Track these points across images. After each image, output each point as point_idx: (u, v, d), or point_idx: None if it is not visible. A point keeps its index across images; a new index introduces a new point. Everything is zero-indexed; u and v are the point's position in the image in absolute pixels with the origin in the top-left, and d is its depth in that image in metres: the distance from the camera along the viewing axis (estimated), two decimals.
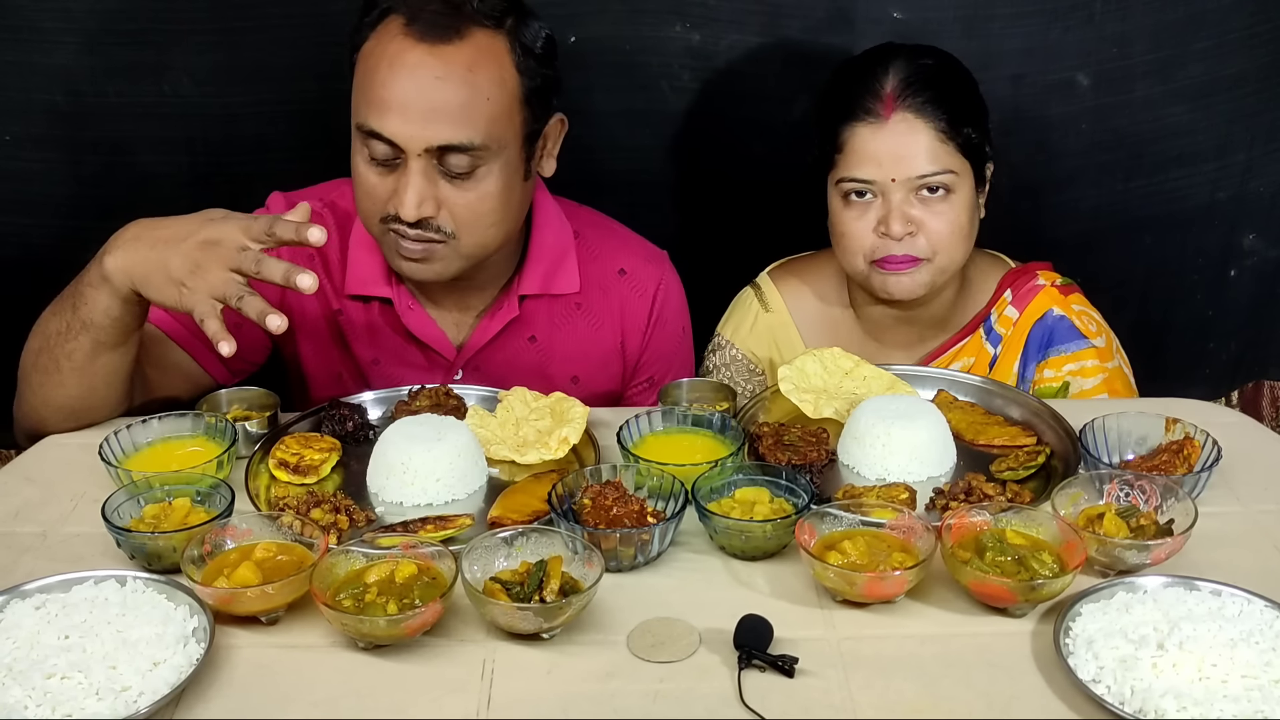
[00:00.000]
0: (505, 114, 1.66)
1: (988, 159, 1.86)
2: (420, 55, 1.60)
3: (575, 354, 1.90)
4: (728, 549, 1.38)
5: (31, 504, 1.50)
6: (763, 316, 2.03)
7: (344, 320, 1.86)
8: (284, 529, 1.33)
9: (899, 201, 1.79)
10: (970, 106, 1.83)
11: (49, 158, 2.17)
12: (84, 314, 1.54)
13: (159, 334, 1.75)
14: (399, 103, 1.60)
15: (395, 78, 1.60)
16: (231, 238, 1.45)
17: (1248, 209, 2.30)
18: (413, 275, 1.72)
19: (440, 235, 1.67)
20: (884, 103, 1.77)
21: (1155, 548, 1.30)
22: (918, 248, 1.80)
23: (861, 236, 1.82)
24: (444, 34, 1.60)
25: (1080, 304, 1.95)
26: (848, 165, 1.80)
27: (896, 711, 1.15)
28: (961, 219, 1.81)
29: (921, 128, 1.77)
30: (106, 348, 1.58)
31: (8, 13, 2.05)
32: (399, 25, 1.62)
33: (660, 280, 1.94)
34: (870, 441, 1.54)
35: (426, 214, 1.64)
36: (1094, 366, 1.90)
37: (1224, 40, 2.14)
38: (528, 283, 1.85)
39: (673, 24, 2.14)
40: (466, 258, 1.71)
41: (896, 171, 1.77)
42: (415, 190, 1.62)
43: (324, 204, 1.85)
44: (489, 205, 1.68)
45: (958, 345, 1.95)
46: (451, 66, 1.61)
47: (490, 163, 1.66)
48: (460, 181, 1.65)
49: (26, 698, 1.11)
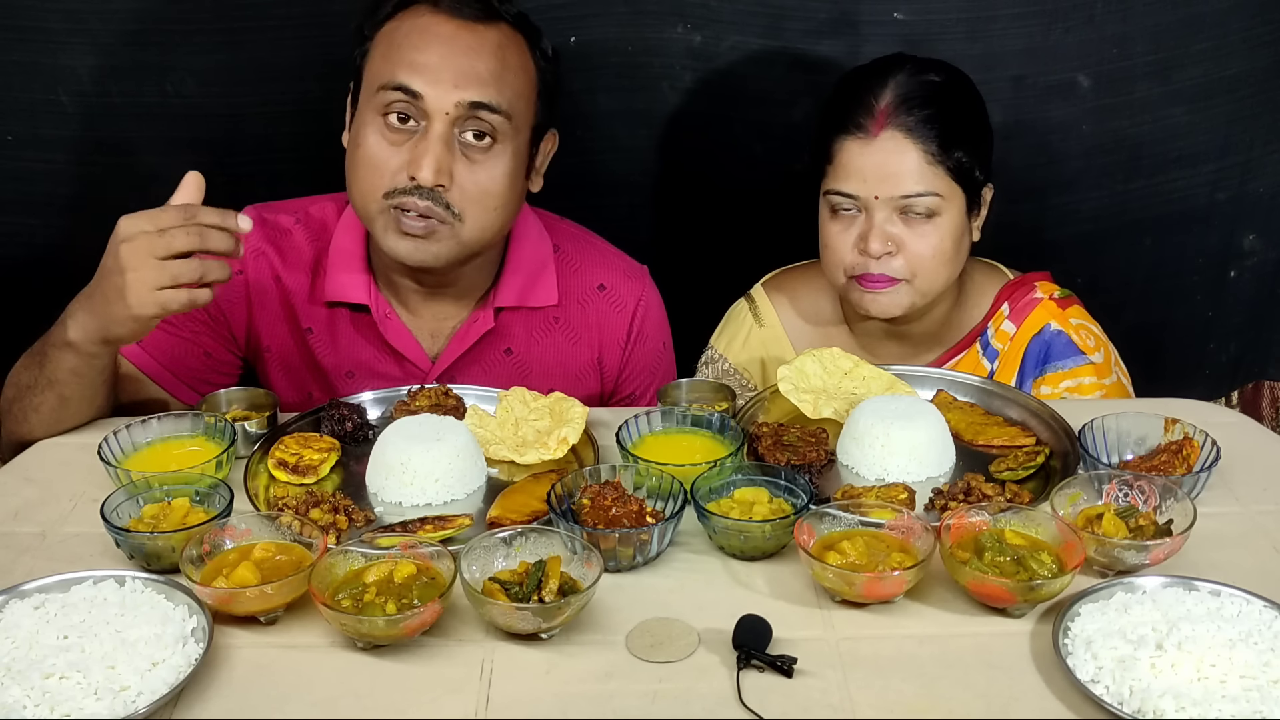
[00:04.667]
0: (525, 97, 1.72)
1: (982, 184, 1.84)
2: (454, 28, 1.67)
3: (552, 367, 1.91)
4: (727, 549, 1.39)
5: (31, 504, 1.50)
6: (756, 331, 2.03)
7: (314, 339, 1.87)
8: (283, 529, 1.33)
9: (881, 220, 1.78)
10: (967, 129, 1.80)
11: (53, 158, 2.17)
12: (49, 372, 1.61)
13: (135, 373, 1.79)
14: (433, 64, 1.65)
15: (429, 43, 1.66)
16: (140, 230, 1.46)
17: (1248, 209, 2.30)
18: (409, 256, 1.71)
19: (447, 214, 1.68)
20: (874, 119, 1.76)
21: (1154, 548, 1.30)
22: (893, 268, 1.79)
23: (843, 251, 1.82)
24: (476, 15, 1.68)
25: (1079, 317, 1.93)
26: (835, 178, 1.80)
27: (895, 712, 1.15)
28: (945, 243, 1.80)
29: (909, 147, 1.76)
30: (73, 403, 1.64)
31: (13, 13, 2.05)
32: (426, 8, 1.69)
33: (640, 297, 1.94)
34: (869, 442, 1.54)
35: (443, 181, 1.66)
36: (1091, 384, 1.88)
37: (1224, 42, 2.14)
38: (504, 295, 1.86)
39: (674, 25, 2.14)
40: (464, 244, 1.72)
41: (880, 189, 1.76)
42: (435, 154, 1.65)
43: (296, 218, 1.87)
44: (498, 187, 1.70)
45: (954, 360, 1.94)
46: (484, 40, 1.68)
47: (505, 142, 1.70)
48: (476, 155, 1.68)
49: (25, 697, 1.11)
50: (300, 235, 1.86)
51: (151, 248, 1.44)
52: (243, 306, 1.86)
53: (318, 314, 1.87)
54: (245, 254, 1.84)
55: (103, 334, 1.54)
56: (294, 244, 1.86)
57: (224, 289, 1.83)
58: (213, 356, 1.86)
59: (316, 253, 1.86)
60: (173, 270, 1.45)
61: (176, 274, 1.45)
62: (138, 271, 1.45)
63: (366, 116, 1.69)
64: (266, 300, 1.86)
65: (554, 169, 1.85)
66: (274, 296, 1.86)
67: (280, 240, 1.86)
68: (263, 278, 1.85)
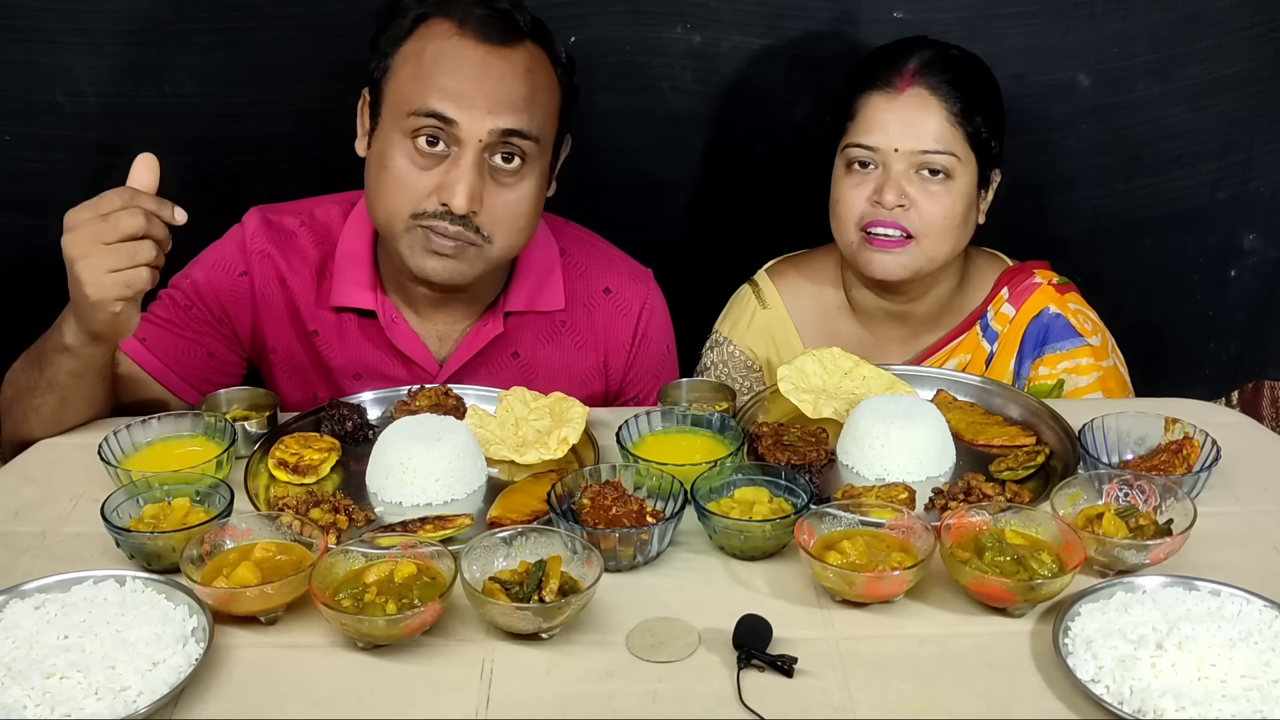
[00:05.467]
0: (551, 118, 1.73)
1: (995, 161, 1.87)
2: (484, 54, 1.65)
3: (558, 371, 1.90)
4: (727, 549, 1.39)
5: (31, 504, 1.50)
6: (760, 314, 2.03)
7: (320, 341, 1.87)
8: (283, 529, 1.33)
9: (898, 173, 1.81)
10: (988, 103, 1.85)
11: (51, 158, 2.17)
12: (50, 376, 1.62)
13: (138, 373, 1.79)
14: (467, 90, 1.64)
15: (460, 68, 1.64)
16: (83, 219, 1.46)
17: (1248, 209, 2.30)
18: (436, 274, 1.71)
19: (477, 236, 1.68)
20: (902, 76, 1.81)
21: (1154, 548, 1.30)
22: (908, 220, 1.81)
23: (856, 204, 1.84)
24: (503, 37, 1.66)
25: (1076, 302, 1.95)
26: (857, 131, 1.83)
27: (895, 712, 1.15)
28: (956, 207, 1.82)
29: (934, 105, 1.80)
30: (74, 403, 1.65)
31: (11, 13, 2.05)
32: (450, 27, 1.66)
33: (645, 299, 1.94)
34: (869, 441, 1.54)
35: (476, 208, 1.66)
36: (1089, 365, 1.90)
37: (1224, 40, 2.14)
38: (513, 299, 1.86)
39: (674, 25, 2.14)
40: (491, 262, 1.73)
41: (901, 142, 1.79)
42: (468, 182, 1.64)
43: (301, 220, 1.87)
44: (525, 208, 1.71)
45: (954, 341, 1.96)
46: (515, 65, 1.66)
47: (534, 163, 1.70)
48: (506, 179, 1.68)
49: (25, 697, 1.11)
50: (305, 238, 1.86)
51: (98, 234, 1.45)
52: (248, 309, 1.86)
53: (324, 317, 1.86)
54: (251, 256, 1.84)
55: (88, 333, 1.55)
56: (299, 247, 1.86)
57: (229, 291, 1.84)
58: (216, 357, 1.85)
59: (322, 256, 1.86)
60: (126, 252, 1.46)
61: (132, 255, 1.46)
62: (88, 259, 1.46)
63: (394, 138, 1.67)
64: (272, 303, 1.86)
65: None
66: (279, 299, 1.86)
67: (285, 243, 1.86)
68: (268, 280, 1.85)
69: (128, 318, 1.52)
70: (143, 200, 1.47)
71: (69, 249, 1.46)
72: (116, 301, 1.47)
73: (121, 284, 1.46)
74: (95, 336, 1.55)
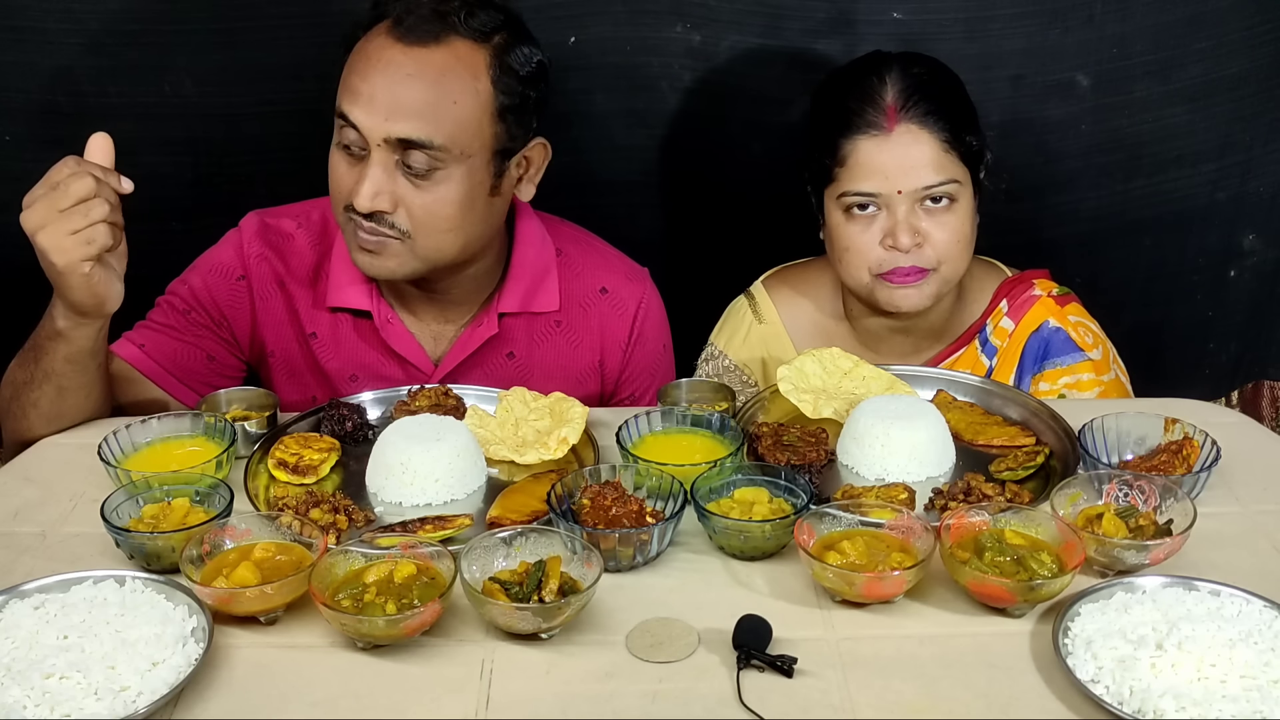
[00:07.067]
0: (473, 123, 1.68)
1: (985, 164, 1.85)
2: (395, 53, 1.65)
3: (553, 371, 1.91)
4: (727, 549, 1.38)
5: (30, 504, 1.50)
6: (756, 327, 2.02)
7: (317, 344, 1.88)
8: (283, 529, 1.33)
9: (904, 214, 1.78)
10: (967, 113, 1.82)
11: (51, 158, 2.15)
12: (45, 365, 1.63)
13: (137, 375, 1.80)
14: (368, 93, 1.64)
15: (370, 69, 1.65)
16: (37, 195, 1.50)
17: (1248, 209, 2.30)
18: (367, 268, 1.73)
19: (394, 232, 1.69)
20: (886, 114, 1.76)
21: (1154, 548, 1.30)
22: (924, 259, 1.79)
23: (867, 251, 1.81)
24: (423, 38, 1.65)
25: (1077, 314, 1.93)
26: (851, 179, 1.79)
27: (895, 712, 1.15)
28: (965, 228, 1.81)
29: (926, 139, 1.76)
30: (71, 393, 1.65)
31: (10, 13, 2.05)
32: (387, 26, 1.67)
33: (641, 299, 1.94)
34: (869, 442, 1.54)
35: (380, 207, 1.67)
36: (1090, 380, 1.88)
37: (1223, 41, 2.14)
38: (508, 301, 1.86)
39: (673, 25, 2.14)
40: (423, 260, 1.72)
41: (903, 184, 1.76)
42: (372, 181, 1.65)
43: (298, 222, 1.88)
44: (447, 210, 1.69)
45: (953, 356, 1.94)
46: (423, 67, 1.65)
47: (451, 167, 1.67)
48: (419, 181, 1.67)
49: (25, 697, 1.11)
50: (303, 240, 1.87)
51: (52, 202, 1.48)
52: (246, 311, 1.87)
53: (321, 319, 1.87)
54: (249, 258, 1.86)
55: (72, 308, 1.56)
56: (297, 249, 1.87)
57: (228, 295, 1.85)
58: (216, 360, 1.86)
59: (319, 257, 1.87)
60: (80, 212, 1.48)
61: (86, 213, 1.48)
62: (46, 227, 1.48)
63: (335, 133, 1.71)
64: (270, 305, 1.87)
65: (552, 169, 1.84)
66: (277, 301, 1.87)
67: (283, 245, 1.87)
68: (266, 282, 1.86)
69: (104, 283, 1.54)
70: (89, 166, 1.50)
71: (27, 223, 1.49)
72: (84, 262, 1.50)
73: (83, 242, 1.49)
74: (79, 310, 1.56)
